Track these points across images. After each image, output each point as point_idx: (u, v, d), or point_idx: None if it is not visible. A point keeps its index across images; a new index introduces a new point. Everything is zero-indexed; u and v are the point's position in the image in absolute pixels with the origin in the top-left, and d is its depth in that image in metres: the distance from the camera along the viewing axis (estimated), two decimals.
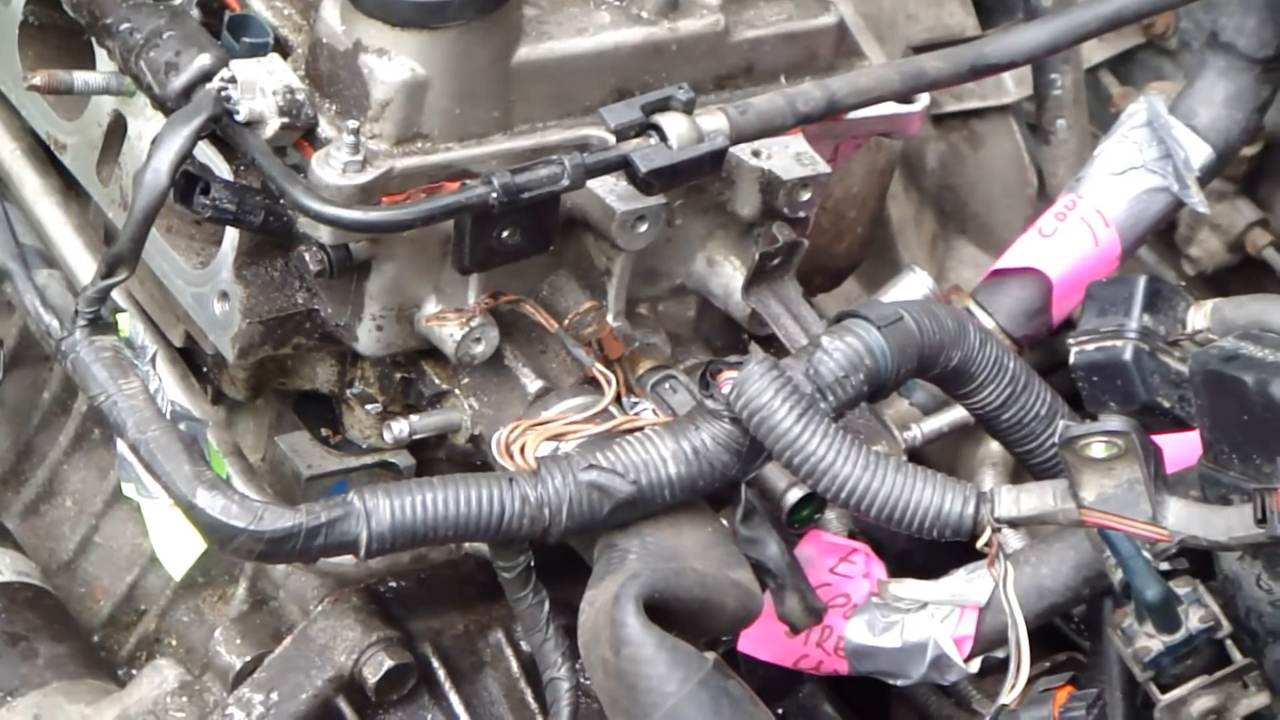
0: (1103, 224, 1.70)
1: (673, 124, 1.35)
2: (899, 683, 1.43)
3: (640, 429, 1.32)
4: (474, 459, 1.46)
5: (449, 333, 1.40)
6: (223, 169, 1.37)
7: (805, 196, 1.46)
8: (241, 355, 1.41)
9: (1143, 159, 1.71)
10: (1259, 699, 1.33)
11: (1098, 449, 1.18)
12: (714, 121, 1.37)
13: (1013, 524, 1.24)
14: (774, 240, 1.47)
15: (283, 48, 1.38)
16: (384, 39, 1.33)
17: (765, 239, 1.48)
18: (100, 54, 1.45)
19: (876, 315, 1.33)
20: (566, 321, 1.42)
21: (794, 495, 1.39)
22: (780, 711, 1.58)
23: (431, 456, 1.52)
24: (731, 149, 1.39)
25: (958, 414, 1.71)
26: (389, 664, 1.47)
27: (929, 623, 1.39)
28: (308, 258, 1.35)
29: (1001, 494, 1.23)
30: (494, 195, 1.28)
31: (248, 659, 1.51)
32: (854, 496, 1.24)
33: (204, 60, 1.32)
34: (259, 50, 1.35)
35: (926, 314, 1.35)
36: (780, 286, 1.51)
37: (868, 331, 1.32)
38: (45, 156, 1.61)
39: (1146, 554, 1.29)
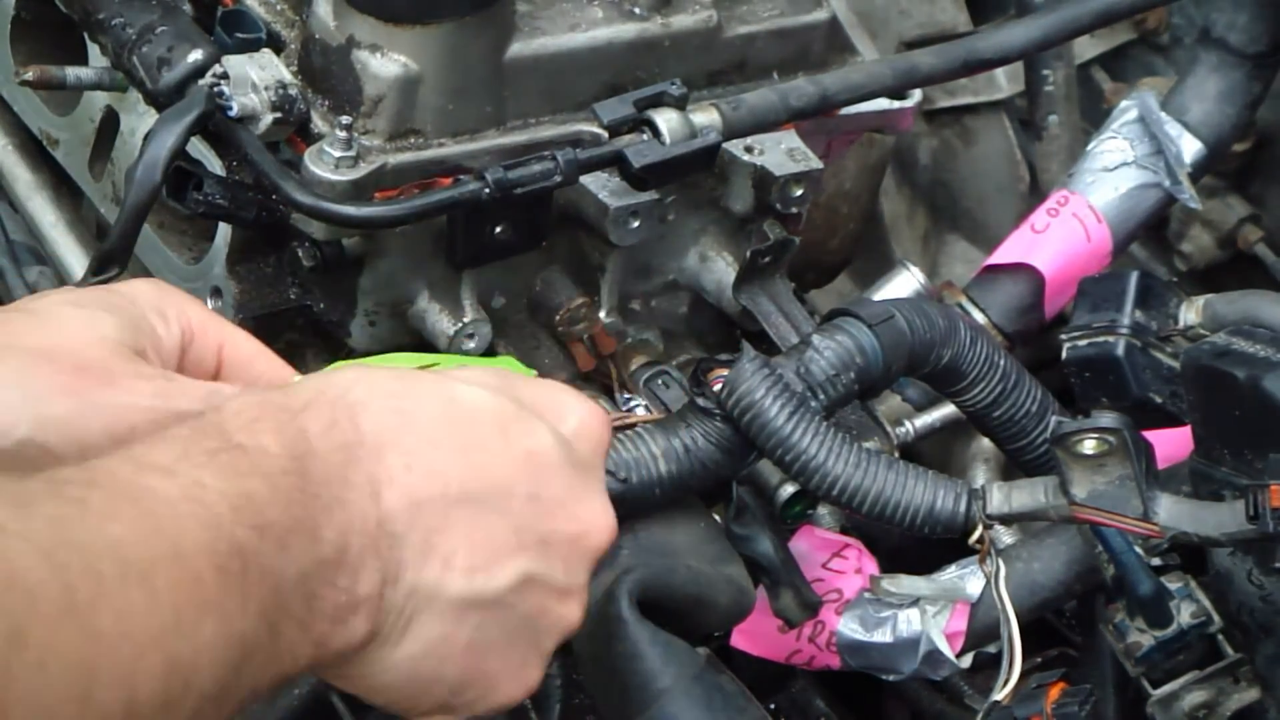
0: (1095, 220, 1.70)
1: (665, 119, 1.35)
2: (891, 678, 1.43)
3: (632, 425, 1.32)
4: None
5: (442, 329, 1.40)
6: (215, 165, 1.37)
7: (798, 192, 1.46)
8: None
9: (1135, 155, 1.71)
10: (1250, 694, 1.33)
11: (1089, 445, 1.18)
12: (706, 117, 1.37)
13: (1004, 521, 1.24)
14: (765, 238, 1.48)
15: (275, 43, 1.38)
16: (377, 35, 1.33)
17: (757, 237, 1.48)
18: (93, 49, 1.45)
19: (867, 313, 1.33)
20: (558, 317, 1.42)
21: (787, 490, 1.39)
22: (773, 707, 1.58)
23: None
24: (724, 145, 1.39)
25: (950, 410, 1.71)
26: None
27: (921, 618, 1.39)
28: (300, 253, 1.35)
29: (993, 491, 1.23)
30: (486, 191, 1.28)
31: None
32: (845, 494, 1.24)
33: (196, 56, 1.32)
34: (252, 46, 1.35)
35: (917, 312, 1.35)
36: (771, 284, 1.51)
37: (859, 330, 1.32)
38: (37, 152, 1.61)
39: (1138, 549, 1.30)
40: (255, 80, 1.31)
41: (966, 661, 1.40)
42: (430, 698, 0.91)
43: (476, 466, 0.90)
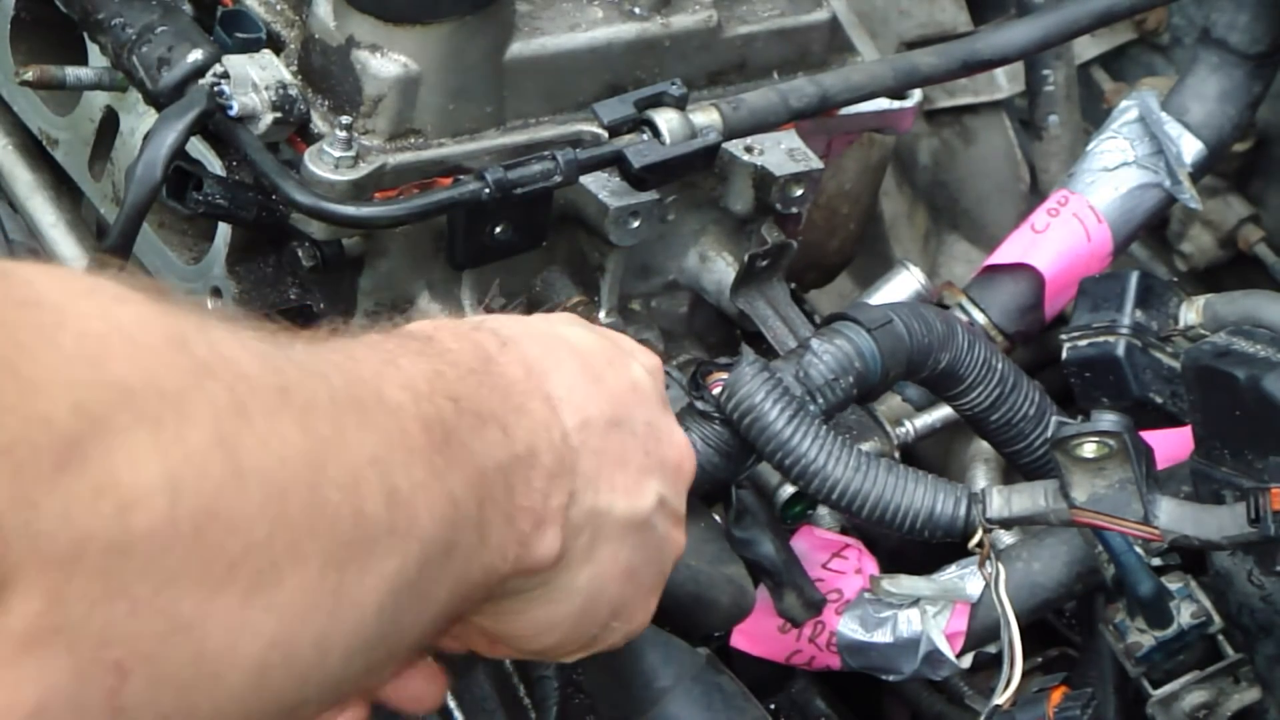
0: (1095, 220, 1.70)
1: (665, 119, 1.35)
2: (891, 678, 1.43)
3: None
4: None
5: None
6: (215, 164, 1.37)
7: (798, 192, 1.46)
8: None
9: (1135, 155, 1.71)
10: (1250, 694, 1.33)
11: (1089, 449, 1.18)
12: (707, 117, 1.37)
13: (1004, 524, 1.24)
14: (764, 242, 1.47)
15: (275, 43, 1.38)
16: (377, 35, 1.33)
17: (755, 240, 1.48)
18: (92, 49, 1.45)
19: (866, 318, 1.33)
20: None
21: (787, 490, 1.39)
22: (772, 707, 1.58)
23: None
24: (724, 145, 1.39)
25: (950, 410, 1.71)
26: None
27: (921, 618, 1.39)
28: (300, 253, 1.35)
29: (993, 495, 1.23)
30: (486, 191, 1.28)
31: None
32: (845, 498, 1.24)
33: (196, 56, 1.32)
34: (252, 46, 1.35)
35: (915, 316, 1.35)
36: (769, 288, 1.50)
37: (857, 334, 1.32)
38: (37, 152, 1.61)
39: (1139, 550, 1.29)
40: (255, 80, 1.31)
41: (967, 662, 1.40)
42: (589, 627, 0.92)
43: (607, 394, 0.92)
